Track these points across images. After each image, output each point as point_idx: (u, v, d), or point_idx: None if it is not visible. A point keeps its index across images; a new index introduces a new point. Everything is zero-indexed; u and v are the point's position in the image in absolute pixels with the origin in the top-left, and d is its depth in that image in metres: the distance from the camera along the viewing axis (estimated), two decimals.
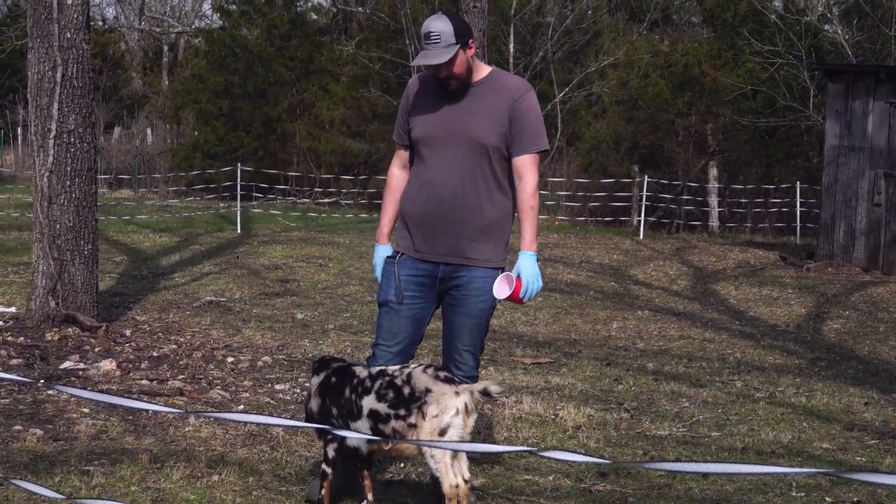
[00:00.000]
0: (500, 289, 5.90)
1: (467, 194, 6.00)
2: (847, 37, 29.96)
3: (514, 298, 5.90)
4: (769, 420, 8.60)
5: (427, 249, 6.09)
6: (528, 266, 5.93)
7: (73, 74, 10.67)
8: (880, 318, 14.28)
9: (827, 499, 6.48)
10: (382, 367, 5.79)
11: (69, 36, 10.63)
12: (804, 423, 8.52)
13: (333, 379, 5.84)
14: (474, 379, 6.17)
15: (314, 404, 5.87)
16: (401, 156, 6.31)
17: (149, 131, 42.12)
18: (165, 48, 51.68)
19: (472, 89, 6.00)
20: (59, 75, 10.58)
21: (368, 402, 5.65)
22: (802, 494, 6.57)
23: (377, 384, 5.66)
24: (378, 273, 6.33)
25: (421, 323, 6.19)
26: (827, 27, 31.30)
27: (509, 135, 5.96)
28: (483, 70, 6.04)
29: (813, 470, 2.97)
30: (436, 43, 5.80)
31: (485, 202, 6.01)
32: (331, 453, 5.81)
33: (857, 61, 28.40)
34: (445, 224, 6.03)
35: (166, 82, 47.62)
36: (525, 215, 5.97)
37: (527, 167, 5.98)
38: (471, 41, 5.86)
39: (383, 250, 6.33)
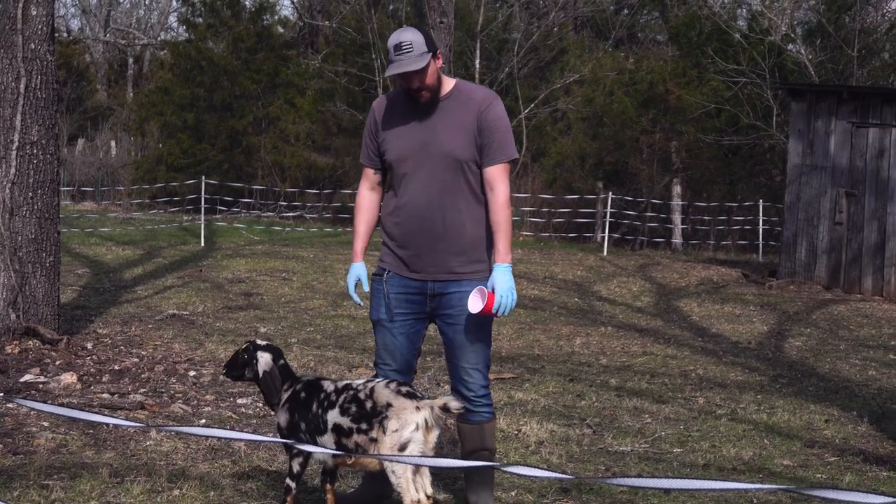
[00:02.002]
0: (474, 302, 5.82)
1: (447, 211, 5.97)
2: (810, 57, 30.24)
3: (486, 312, 5.83)
4: (731, 436, 8.64)
5: (414, 268, 6.06)
6: (502, 279, 5.86)
7: (37, 86, 10.61)
8: (841, 336, 14.38)
9: None
10: (348, 382, 5.79)
11: (33, 47, 10.57)
12: (765, 440, 8.56)
13: (303, 394, 5.82)
14: (487, 399, 6.11)
15: (283, 419, 5.85)
16: (370, 177, 6.24)
17: (113, 143, 41.92)
18: (131, 60, 51.44)
19: (441, 103, 5.97)
20: (22, 86, 10.52)
21: (333, 416, 5.64)
22: None
23: (342, 398, 5.66)
24: (351, 289, 6.24)
25: (415, 338, 6.13)
26: (790, 47, 31.58)
27: (479, 146, 5.96)
28: (448, 83, 6.01)
29: (774, 486, 2.99)
30: (408, 52, 5.77)
31: (466, 218, 5.98)
32: (295, 468, 5.79)
33: (820, 81, 28.65)
34: (430, 243, 5.99)
35: (131, 94, 47.41)
36: (498, 227, 5.94)
37: (497, 178, 5.95)
38: (438, 52, 5.87)
39: (358, 268, 6.23)
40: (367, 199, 6.26)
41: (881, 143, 19.25)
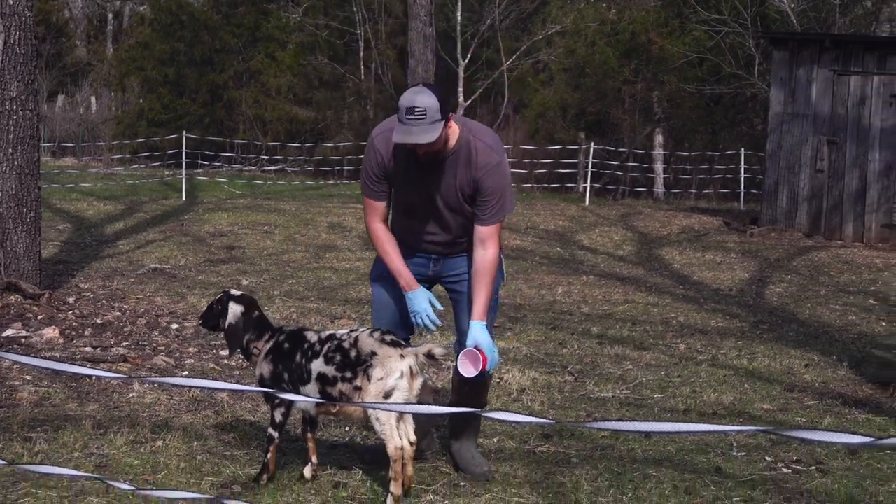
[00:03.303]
0: (466, 368, 5.69)
1: (452, 236, 5.98)
2: (792, 5, 30.14)
3: (482, 373, 5.74)
4: (711, 382, 8.70)
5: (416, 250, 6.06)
6: (484, 337, 5.74)
7: (16, 41, 10.54)
8: (821, 283, 14.45)
9: (767, 458, 6.57)
10: (332, 332, 5.80)
11: (11, 3, 10.49)
12: (745, 385, 8.62)
13: (286, 344, 5.83)
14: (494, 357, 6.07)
15: (265, 370, 5.86)
16: (379, 210, 5.98)
17: (93, 99, 41.66)
18: (110, 16, 51.00)
19: (446, 160, 5.77)
20: (1, 42, 10.45)
21: (317, 366, 5.66)
22: (743, 454, 6.65)
23: (325, 347, 5.67)
24: (423, 316, 5.89)
25: None
26: None
27: (476, 204, 5.82)
28: (454, 135, 5.76)
29: (752, 428, 3.02)
30: (420, 119, 5.48)
31: (467, 239, 5.97)
32: (278, 417, 5.82)
33: (802, 30, 28.58)
34: (433, 250, 6.03)
35: (111, 50, 47.08)
36: (482, 283, 5.79)
37: (489, 238, 5.83)
38: (451, 116, 5.63)
39: (421, 293, 5.91)
40: (383, 231, 5.98)
41: (862, 90, 19.27)
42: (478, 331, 5.74)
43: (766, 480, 6.12)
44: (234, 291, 6.08)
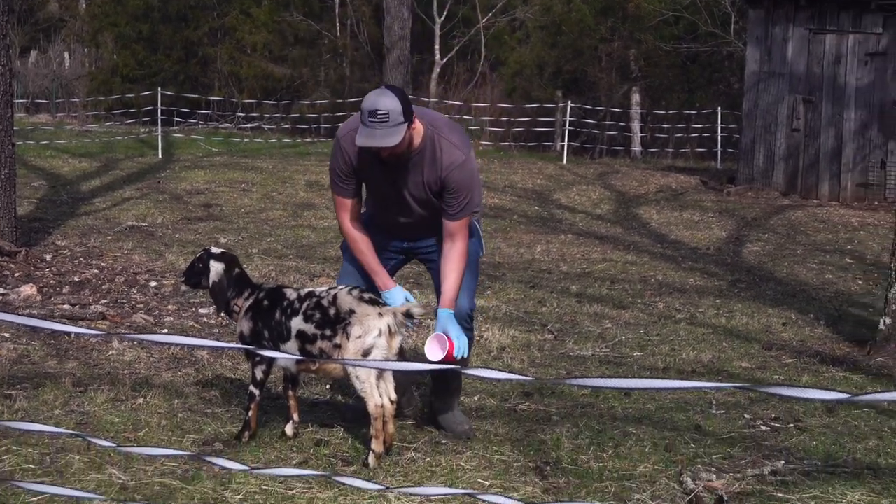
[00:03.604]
0: (433, 351, 5.67)
1: (424, 224, 5.97)
2: None
3: (449, 358, 5.69)
4: (690, 340, 8.74)
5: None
6: (452, 325, 5.74)
7: None
8: (798, 241, 14.51)
9: (746, 415, 6.61)
10: (311, 289, 5.79)
11: None
12: (724, 343, 8.67)
13: (265, 302, 5.82)
14: (469, 322, 6.06)
15: (245, 327, 5.85)
16: (350, 208, 5.96)
17: (66, 55, 41.31)
18: None
19: (411, 159, 5.75)
20: None
21: (296, 323, 5.65)
22: (722, 412, 6.69)
23: (305, 305, 5.66)
24: (403, 304, 5.84)
25: (387, 270, 6.10)
26: None
27: (444, 201, 5.81)
28: (418, 135, 5.73)
29: (731, 385, 3.02)
30: (383, 122, 5.47)
31: (438, 229, 5.95)
32: (259, 375, 5.81)
33: None
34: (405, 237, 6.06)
35: (84, 5, 46.64)
36: (451, 274, 5.76)
37: (458, 231, 5.81)
38: (414, 117, 5.61)
39: (397, 291, 5.90)
40: (356, 230, 5.97)
41: (838, 49, 19.29)
42: (445, 318, 5.75)
43: (745, 437, 6.16)
44: (214, 249, 6.05)
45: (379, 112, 5.46)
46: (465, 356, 5.82)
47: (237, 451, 5.63)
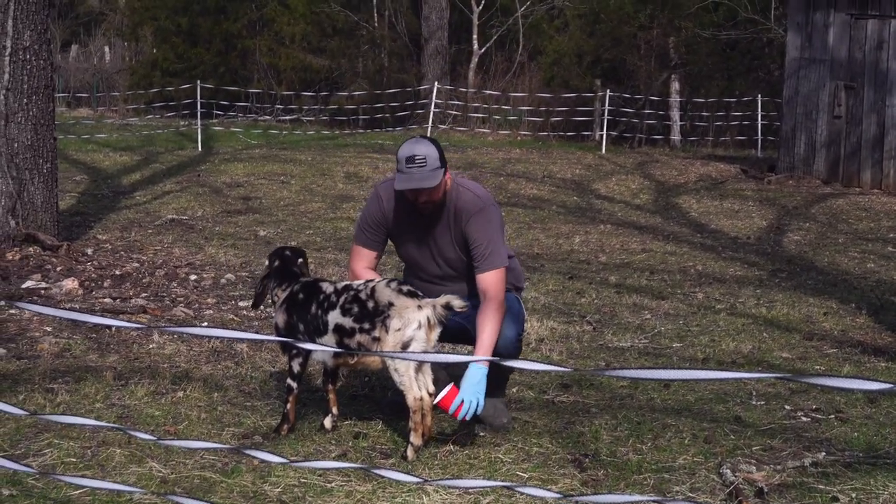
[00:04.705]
0: (444, 399, 5.57)
1: (457, 283, 6.00)
2: None
3: (443, 406, 5.57)
4: (730, 331, 8.69)
5: None
6: (474, 378, 5.61)
7: None
8: (840, 230, 14.40)
9: (786, 406, 6.58)
10: (348, 283, 5.80)
11: None
12: (764, 334, 8.62)
13: (301, 295, 5.84)
14: (518, 316, 6.09)
15: (280, 320, 5.88)
16: (364, 256, 6.07)
17: (106, 49, 41.56)
18: None
19: (441, 214, 5.86)
20: None
21: (334, 317, 5.67)
22: (762, 403, 6.66)
23: (342, 299, 5.68)
24: None
25: None
26: None
27: (469, 254, 5.86)
28: (446, 187, 5.86)
29: (772, 375, 3.01)
30: (421, 166, 5.60)
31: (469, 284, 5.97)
32: (296, 368, 5.83)
33: None
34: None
35: None
36: (487, 325, 5.66)
37: (491, 286, 5.76)
38: (447, 167, 5.74)
39: None
40: (365, 274, 6.02)
41: (880, 34, 19.09)
42: (474, 371, 5.64)
43: (786, 429, 6.13)
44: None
45: (417, 157, 5.61)
46: (472, 416, 5.61)
47: (276, 444, 5.66)
